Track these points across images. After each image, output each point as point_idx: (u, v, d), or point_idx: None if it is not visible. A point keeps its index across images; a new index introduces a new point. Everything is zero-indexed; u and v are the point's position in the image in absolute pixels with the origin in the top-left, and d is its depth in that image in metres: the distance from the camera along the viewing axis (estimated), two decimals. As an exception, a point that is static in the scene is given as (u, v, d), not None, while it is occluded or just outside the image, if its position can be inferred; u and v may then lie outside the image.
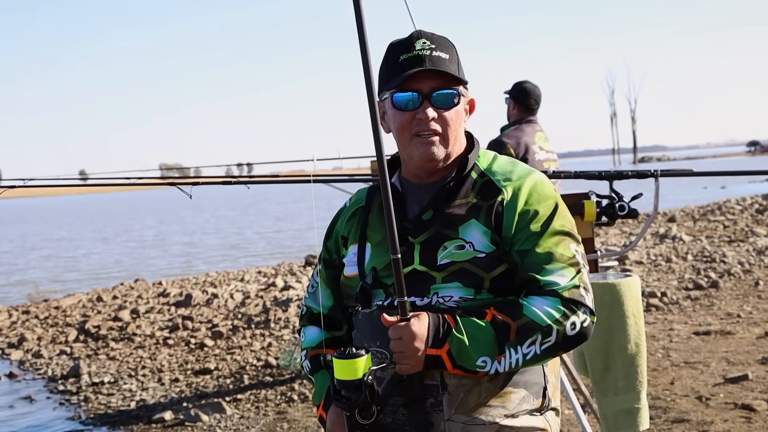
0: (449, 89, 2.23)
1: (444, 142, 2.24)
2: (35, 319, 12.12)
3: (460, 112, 2.27)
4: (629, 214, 4.21)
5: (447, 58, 2.23)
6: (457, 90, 2.24)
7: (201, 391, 7.48)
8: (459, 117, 2.26)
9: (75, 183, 5.06)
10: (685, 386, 6.38)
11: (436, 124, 2.22)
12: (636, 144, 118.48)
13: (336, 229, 2.46)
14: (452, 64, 2.24)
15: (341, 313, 2.40)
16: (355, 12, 1.93)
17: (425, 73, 2.20)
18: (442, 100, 2.22)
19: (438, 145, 2.23)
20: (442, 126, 2.23)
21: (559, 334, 2.08)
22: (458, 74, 2.24)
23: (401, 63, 2.22)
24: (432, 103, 2.22)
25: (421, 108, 2.21)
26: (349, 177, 5.08)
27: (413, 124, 2.22)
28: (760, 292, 10.07)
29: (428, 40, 2.24)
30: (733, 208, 21.96)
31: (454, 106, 2.24)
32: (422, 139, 2.23)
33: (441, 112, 2.22)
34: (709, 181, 43.36)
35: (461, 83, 2.26)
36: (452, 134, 2.25)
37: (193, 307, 11.85)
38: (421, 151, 2.24)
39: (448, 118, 2.23)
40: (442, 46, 2.25)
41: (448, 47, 2.26)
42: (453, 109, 2.24)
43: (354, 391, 1.99)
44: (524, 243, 2.16)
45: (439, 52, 2.23)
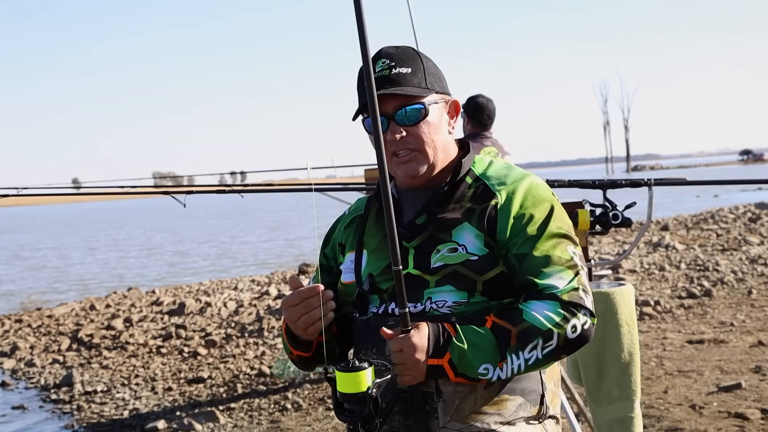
0: (413, 105, 2.21)
1: (422, 157, 2.23)
2: (28, 328, 12.08)
3: (434, 122, 2.24)
4: (623, 223, 4.22)
5: (408, 72, 2.22)
6: (423, 103, 2.21)
7: (194, 400, 7.46)
8: (433, 127, 2.24)
9: (68, 192, 5.05)
10: (679, 395, 6.38)
11: (408, 142, 2.22)
12: (629, 152, 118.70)
13: (334, 237, 2.47)
14: (415, 77, 2.22)
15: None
16: (357, 19, 1.92)
17: (387, 95, 2.19)
18: (406, 117, 2.21)
19: (417, 161, 2.23)
20: (414, 142, 2.22)
21: (560, 338, 2.07)
22: (423, 85, 2.22)
23: (363, 87, 2.21)
24: (398, 123, 2.21)
25: (389, 130, 2.21)
26: (348, 186, 5.08)
27: (389, 145, 2.22)
28: (753, 301, 10.09)
29: (388, 58, 2.22)
30: (726, 217, 22.01)
31: (421, 120, 2.22)
32: (399, 159, 2.23)
33: (409, 128, 2.21)
34: (702, 190, 43.46)
35: (428, 93, 2.23)
36: (429, 147, 2.23)
37: (187, 316, 11.82)
38: (402, 170, 2.24)
39: (419, 132, 2.22)
40: (402, 61, 2.23)
41: (410, 59, 2.24)
42: (423, 122, 2.22)
43: (358, 404, 1.98)
44: (521, 246, 2.15)
45: (399, 69, 2.21)
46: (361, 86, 2.23)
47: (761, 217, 20.94)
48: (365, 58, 1.94)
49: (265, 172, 7.10)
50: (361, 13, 1.92)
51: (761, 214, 21.79)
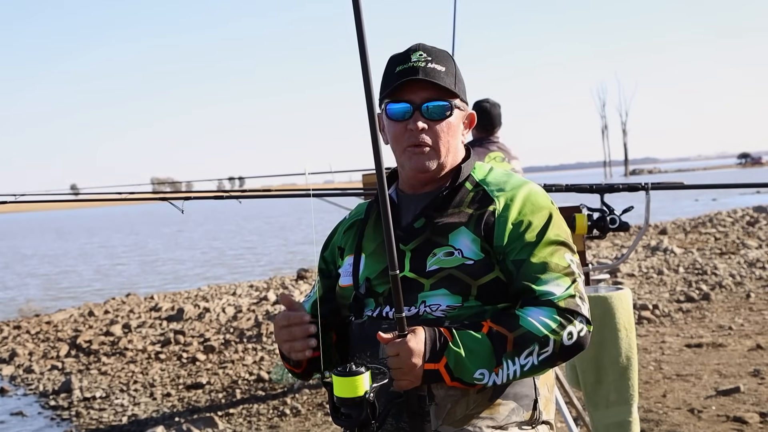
0: (441, 101, 2.23)
1: (435, 154, 2.25)
2: (26, 334, 12.07)
3: (454, 124, 2.27)
4: (620, 227, 4.23)
5: (442, 71, 2.24)
6: (450, 102, 2.24)
7: (193, 405, 7.46)
8: (452, 129, 2.27)
9: (66, 198, 5.06)
10: (677, 399, 6.38)
11: (427, 136, 2.23)
12: (627, 156, 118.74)
13: (333, 241, 2.48)
14: (448, 76, 2.25)
15: (326, 318, 2.40)
16: (356, 25, 1.92)
17: (418, 84, 2.21)
18: (433, 111, 2.23)
19: (429, 156, 2.25)
20: (433, 137, 2.24)
21: (557, 344, 2.08)
22: (453, 87, 2.25)
23: (396, 74, 2.24)
24: (423, 114, 2.23)
25: (412, 119, 2.23)
26: (346, 191, 5.08)
27: (405, 135, 2.24)
28: (751, 305, 10.09)
29: (425, 53, 2.25)
30: (724, 221, 22.03)
31: (446, 118, 2.24)
32: (413, 150, 2.24)
33: (432, 123, 2.23)
34: (700, 194, 43.46)
35: (456, 96, 2.26)
36: (443, 146, 2.25)
37: (185, 322, 11.82)
38: (413, 162, 2.25)
39: (440, 129, 2.24)
40: (438, 59, 2.25)
41: (446, 60, 2.27)
42: (445, 121, 2.24)
43: (355, 408, 1.98)
44: (519, 253, 2.16)
45: (435, 65, 2.24)
46: (389, 73, 2.26)
47: (759, 221, 20.97)
48: (364, 62, 1.94)
49: (264, 177, 7.14)
50: (360, 18, 1.92)
51: (759, 218, 21.82)
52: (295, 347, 2.15)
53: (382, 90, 2.28)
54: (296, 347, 2.15)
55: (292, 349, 2.16)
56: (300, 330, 2.14)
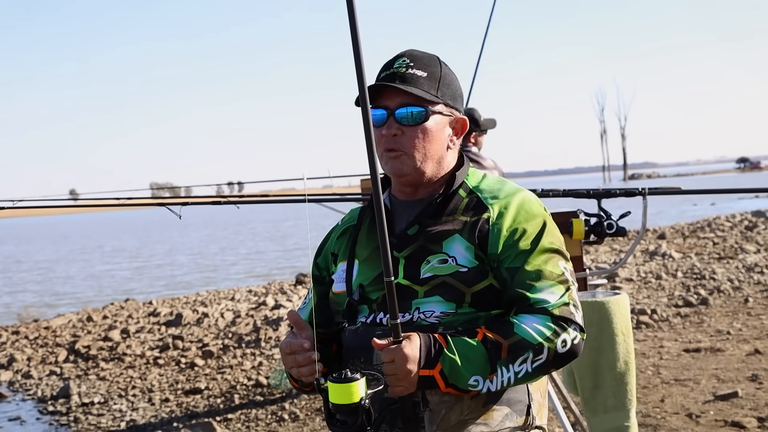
0: (416, 106, 2.22)
1: (409, 159, 2.24)
2: (25, 340, 12.07)
3: (433, 130, 2.25)
4: (618, 233, 4.24)
5: (423, 76, 2.24)
6: (426, 108, 2.23)
7: (191, 410, 7.46)
8: (430, 135, 2.24)
9: (64, 204, 5.06)
10: (676, 403, 6.38)
11: (400, 141, 2.23)
12: (626, 161, 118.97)
13: (326, 247, 2.48)
14: (430, 81, 2.24)
15: (327, 327, 2.41)
16: (351, 31, 1.92)
17: (395, 90, 2.21)
18: (406, 116, 2.22)
19: (403, 161, 2.24)
20: (405, 143, 2.23)
21: (551, 352, 2.08)
22: (433, 92, 2.24)
23: (379, 80, 2.26)
24: (396, 120, 2.22)
25: (386, 124, 2.23)
26: (343, 196, 5.09)
27: (382, 140, 2.24)
28: (749, 309, 10.10)
29: (409, 58, 2.26)
30: (722, 225, 22.04)
31: (419, 123, 2.23)
32: (387, 155, 2.25)
33: (406, 129, 2.23)
34: (698, 198, 43.52)
35: (437, 102, 2.24)
36: (419, 151, 2.24)
37: (184, 327, 11.82)
38: (389, 167, 2.26)
39: (413, 135, 2.23)
40: (421, 64, 2.25)
41: (430, 65, 2.26)
42: (419, 127, 2.23)
43: (350, 415, 1.98)
44: (513, 261, 2.17)
45: (415, 70, 2.24)
46: (377, 80, 2.27)
47: (758, 225, 20.98)
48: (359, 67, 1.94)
49: (263, 182, 7.13)
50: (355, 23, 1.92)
51: (758, 222, 21.83)
52: (302, 372, 2.18)
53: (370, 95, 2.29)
54: (303, 372, 2.18)
55: (300, 374, 2.19)
56: (303, 358, 2.17)
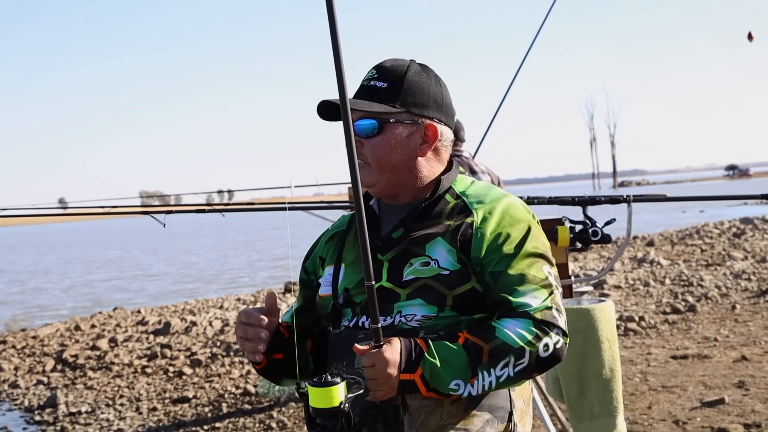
0: (369, 119, 2.24)
1: (371, 170, 2.26)
2: (12, 349, 12.03)
3: (391, 140, 2.25)
4: (602, 240, 4.25)
5: (382, 87, 2.25)
6: (379, 120, 2.24)
7: (179, 420, 7.44)
8: (387, 145, 2.25)
9: (49, 213, 5.05)
10: (663, 410, 6.40)
11: (362, 153, 2.25)
12: (615, 168, 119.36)
13: (315, 251, 2.50)
14: (390, 91, 2.25)
15: (308, 328, 2.43)
16: (331, 37, 1.93)
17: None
18: (361, 129, 2.25)
19: (366, 172, 2.26)
20: (367, 154, 2.26)
21: (532, 356, 2.08)
22: (389, 103, 2.24)
23: None
24: (356, 132, 2.24)
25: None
26: (325, 204, 5.09)
27: None
28: (737, 316, 10.13)
29: (376, 70, 2.28)
30: (711, 232, 22.11)
31: (375, 135, 2.25)
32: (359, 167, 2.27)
33: (364, 141, 2.25)
34: (687, 205, 43.69)
35: (392, 113, 2.25)
36: (379, 161, 2.25)
37: (172, 335, 11.79)
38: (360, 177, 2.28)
39: (371, 146, 2.25)
40: (385, 76, 2.27)
41: (393, 75, 2.27)
42: (375, 139, 2.25)
43: (330, 419, 1.98)
44: (497, 265, 2.17)
45: (377, 82, 2.26)
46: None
47: (746, 232, 21.06)
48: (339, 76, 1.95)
49: (252, 190, 7.12)
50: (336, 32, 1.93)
51: (746, 229, 21.91)
52: (245, 346, 2.19)
53: None
54: (246, 347, 2.19)
55: (243, 346, 2.21)
56: (253, 331, 2.18)
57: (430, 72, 2.34)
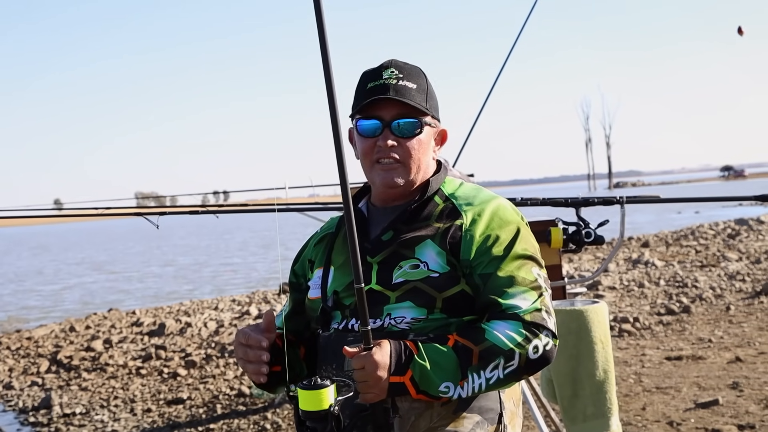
0: (411, 118, 2.25)
1: (404, 170, 2.27)
2: (7, 350, 12.01)
3: (424, 141, 2.29)
4: (595, 241, 4.26)
5: (413, 88, 2.26)
6: (419, 120, 2.26)
7: (173, 421, 7.43)
8: (422, 146, 2.28)
9: (43, 214, 5.05)
10: (657, 411, 6.40)
11: (395, 152, 2.25)
12: (611, 169, 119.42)
13: (304, 254, 2.50)
14: (419, 94, 2.27)
15: (299, 334, 2.43)
16: (319, 39, 1.93)
17: (389, 101, 2.23)
18: (402, 128, 2.25)
19: (398, 173, 2.26)
20: (402, 154, 2.26)
21: (522, 358, 2.08)
22: (423, 104, 2.26)
23: (367, 90, 2.26)
24: (392, 131, 2.25)
25: (382, 135, 2.25)
26: (314, 206, 5.09)
27: (375, 150, 2.26)
28: (731, 317, 10.14)
29: (396, 69, 2.27)
30: (706, 233, 22.12)
31: (415, 136, 2.26)
32: (382, 166, 2.26)
33: (401, 140, 2.25)
34: (683, 206, 43.68)
35: (427, 113, 2.28)
36: (413, 163, 2.27)
37: (167, 337, 11.78)
38: (381, 178, 2.27)
39: (409, 146, 2.26)
40: (410, 76, 2.28)
41: (417, 77, 2.29)
42: (415, 138, 2.26)
43: (319, 421, 1.98)
44: (486, 267, 2.17)
45: (406, 82, 2.26)
46: (361, 89, 2.29)
47: (740, 233, 21.07)
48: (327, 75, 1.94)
49: (248, 191, 7.11)
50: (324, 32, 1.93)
51: (741, 230, 21.92)
52: (248, 369, 2.19)
53: (355, 105, 2.30)
54: (249, 369, 2.18)
55: (245, 369, 2.20)
56: (254, 354, 2.17)
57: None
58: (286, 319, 2.44)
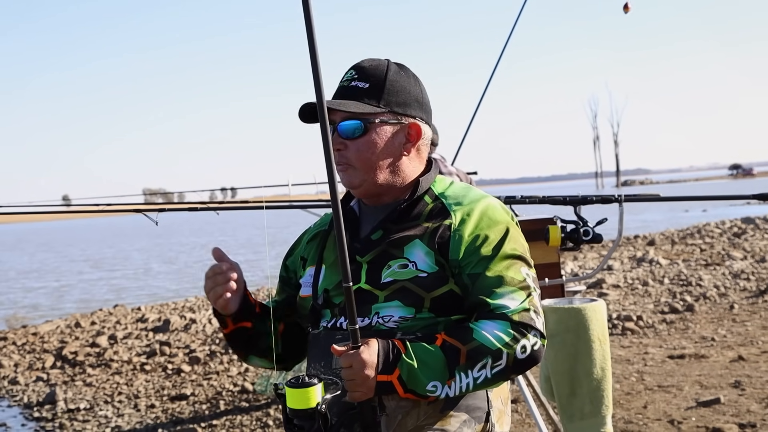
0: (354, 120, 2.24)
1: (356, 172, 2.27)
2: (12, 345, 12.06)
3: (377, 140, 2.26)
4: (594, 239, 4.27)
5: (364, 87, 2.26)
6: (363, 121, 2.24)
7: (177, 417, 7.46)
8: (372, 146, 2.26)
9: (46, 210, 5.08)
10: (658, 410, 6.41)
11: (344, 154, 2.26)
12: (619, 167, 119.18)
13: (297, 251, 2.52)
14: (372, 91, 2.25)
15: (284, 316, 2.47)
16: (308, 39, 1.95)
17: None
18: (345, 130, 2.26)
19: (351, 174, 2.27)
20: (350, 156, 2.26)
21: (510, 358, 2.09)
22: (371, 103, 2.25)
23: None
24: (340, 134, 2.26)
25: (333, 139, 2.25)
26: (302, 203, 5.12)
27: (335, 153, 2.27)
28: (734, 316, 10.14)
29: (355, 70, 2.28)
30: (712, 232, 22.09)
31: (360, 136, 2.25)
32: (338, 168, 2.28)
33: (347, 142, 2.26)
34: (690, 205, 43.62)
35: (378, 113, 2.25)
36: (364, 163, 2.26)
37: (171, 333, 11.82)
38: (341, 179, 2.29)
39: (356, 147, 2.26)
40: (365, 76, 2.27)
41: (374, 75, 2.27)
42: (362, 139, 2.25)
43: (307, 420, 2.00)
44: (475, 267, 2.17)
45: (358, 82, 2.26)
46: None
47: (746, 232, 21.05)
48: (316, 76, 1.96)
49: (255, 188, 7.16)
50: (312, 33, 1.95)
51: (747, 229, 21.90)
52: (217, 291, 2.24)
53: None
54: (218, 291, 2.24)
55: (215, 294, 2.25)
56: (222, 277, 2.25)
57: (408, 71, 2.35)
58: (275, 310, 2.45)
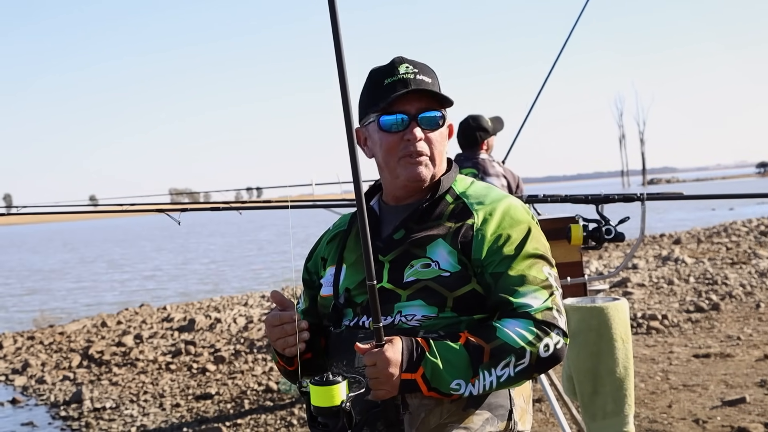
0: (435, 111, 2.27)
1: (431, 163, 2.29)
2: (40, 345, 12.17)
3: (444, 134, 2.32)
4: (616, 238, 4.26)
5: (430, 82, 2.29)
6: (441, 112, 2.29)
7: (201, 416, 7.50)
8: (444, 139, 2.32)
9: (65, 210, 5.13)
10: (683, 409, 6.38)
11: (423, 145, 2.27)
12: (645, 166, 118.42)
13: (317, 252, 2.53)
14: (435, 87, 2.29)
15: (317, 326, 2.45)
16: (334, 40, 1.96)
17: (412, 95, 2.25)
18: (428, 121, 2.27)
19: (425, 166, 2.28)
20: (428, 147, 2.28)
21: (533, 356, 2.10)
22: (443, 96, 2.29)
23: (386, 87, 2.27)
24: (420, 124, 2.26)
25: (408, 129, 2.25)
26: (326, 203, 5.13)
27: (401, 145, 2.27)
28: (761, 315, 10.06)
29: (411, 65, 2.30)
30: (738, 230, 21.92)
31: (439, 128, 2.29)
32: (410, 160, 2.27)
33: (427, 133, 2.27)
34: (717, 203, 43.30)
35: (444, 106, 2.30)
36: (438, 156, 2.30)
37: (197, 332, 11.88)
38: (408, 172, 2.28)
39: (434, 139, 2.28)
40: (424, 71, 2.30)
41: (430, 72, 2.32)
42: (438, 131, 2.29)
43: (331, 417, 2.01)
44: (497, 266, 2.19)
45: (423, 76, 2.28)
46: (377, 86, 2.29)
47: (774, 230, 20.87)
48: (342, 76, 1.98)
49: (281, 187, 7.17)
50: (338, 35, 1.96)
51: (774, 227, 21.71)
52: (289, 342, 2.22)
53: (370, 103, 2.31)
54: (290, 342, 2.22)
55: (287, 344, 2.23)
56: (292, 327, 2.21)
57: None
58: (304, 314, 2.48)
